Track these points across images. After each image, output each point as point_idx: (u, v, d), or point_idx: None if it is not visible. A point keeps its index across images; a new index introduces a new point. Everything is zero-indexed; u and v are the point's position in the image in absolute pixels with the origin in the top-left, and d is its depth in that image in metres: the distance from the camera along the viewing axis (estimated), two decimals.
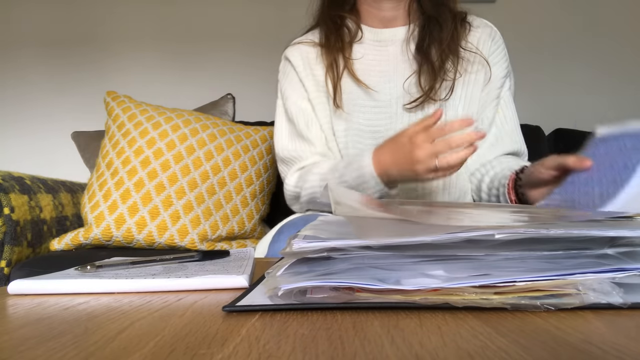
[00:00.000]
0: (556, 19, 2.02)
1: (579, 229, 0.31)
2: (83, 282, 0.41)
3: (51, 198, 1.24)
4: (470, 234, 0.31)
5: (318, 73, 0.93)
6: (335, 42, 0.92)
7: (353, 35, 0.93)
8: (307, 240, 0.32)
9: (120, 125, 1.27)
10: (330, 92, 0.91)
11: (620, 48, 2.02)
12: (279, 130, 0.97)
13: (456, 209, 0.48)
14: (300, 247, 0.32)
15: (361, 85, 0.90)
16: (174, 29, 2.03)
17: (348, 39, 0.93)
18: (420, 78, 0.88)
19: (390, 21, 0.93)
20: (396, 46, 0.92)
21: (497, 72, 0.91)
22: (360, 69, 0.91)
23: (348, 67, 0.90)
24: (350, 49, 0.92)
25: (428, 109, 0.88)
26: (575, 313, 0.29)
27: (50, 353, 0.24)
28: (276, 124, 0.98)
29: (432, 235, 0.31)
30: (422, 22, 0.91)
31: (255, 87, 1.88)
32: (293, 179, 0.92)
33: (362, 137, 0.90)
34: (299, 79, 0.95)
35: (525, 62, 1.96)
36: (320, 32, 0.96)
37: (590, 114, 1.98)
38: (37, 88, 2.02)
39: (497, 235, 0.30)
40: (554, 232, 0.31)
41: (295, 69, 0.95)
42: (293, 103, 0.94)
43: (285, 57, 0.98)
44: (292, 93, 0.95)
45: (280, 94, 0.98)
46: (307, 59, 0.95)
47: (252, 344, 0.25)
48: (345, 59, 0.90)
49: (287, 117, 0.96)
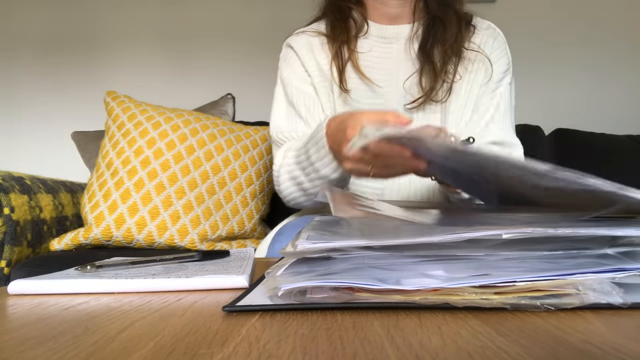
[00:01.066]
0: (556, 18, 2.02)
1: (585, 228, 0.31)
2: (83, 282, 0.41)
3: (51, 198, 1.24)
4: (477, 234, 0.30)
5: (322, 61, 0.92)
6: (341, 33, 0.90)
7: (359, 28, 0.92)
8: (311, 241, 0.32)
9: (120, 125, 1.27)
10: (335, 79, 0.89)
11: (620, 48, 2.02)
12: (276, 113, 0.94)
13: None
14: (305, 248, 0.32)
15: (365, 80, 0.89)
16: (174, 29, 2.03)
17: (354, 32, 0.92)
18: (422, 78, 0.87)
19: (396, 18, 0.93)
20: (400, 44, 0.92)
21: (499, 67, 0.91)
22: (364, 64, 0.90)
23: (353, 60, 0.89)
24: (355, 42, 0.91)
25: (428, 109, 0.88)
26: (575, 313, 0.29)
27: (50, 353, 0.24)
28: (274, 107, 0.95)
29: (436, 236, 0.31)
30: (427, 21, 0.91)
31: (255, 87, 1.88)
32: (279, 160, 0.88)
33: None
34: (302, 64, 0.93)
35: (525, 62, 1.96)
36: (326, 22, 0.95)
37: (590, 114, 1.98)
38: (37, 88, 2.02)
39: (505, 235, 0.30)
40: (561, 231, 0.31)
41: (298, 54, 0.93)
42: (294, 86, 0.92)
43: (287, 44, 0.97)
44: (293, 77, 0.93)
45: (280, 80, 0.96)
46: (311, 46, 0.93)
47: (252, 344, 0.25)
48: (350, 51, 0.89)
49: (287, 101, 0.93)
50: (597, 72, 2.02)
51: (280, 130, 0.91)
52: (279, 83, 0.96)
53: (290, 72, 0.94)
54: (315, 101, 0.91)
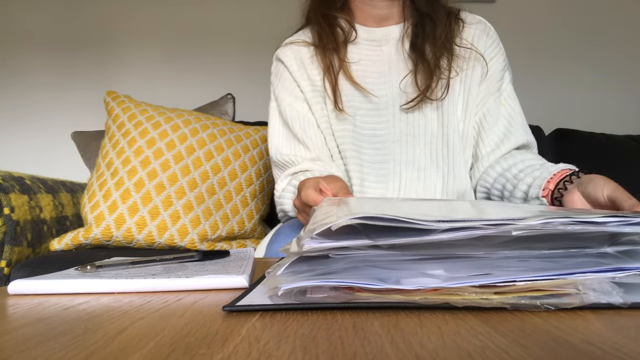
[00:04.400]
0: (556, 19, 2.02)
1: (595, 226, 0.31)
2: (83, 282, 0.41)
3: (51, 198, 1.24)
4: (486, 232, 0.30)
5: (313, 73, 0.91)
6: (329, 42, 0.89)
7: (347, 35, 0.91)
8: (316, 240, 0.32)
9: (120, 125, 1.27)
10: (330, 96, 0.88)
11: (620, 48, 2.02)
12: (274, 134, 0.94)
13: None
14: (312, 247, 0.31)
15: (359, 89, 0.88)
16: (174, 29, 2.03)
17: (342, 39, 0.90)
18: (417, 77, 0.86)
19: (384, 20, 0.92)
20: (390, 45, 0.91)
21: (495, 65, 0.90)
22: (356, 71, 0.89)
23: (344, 70, 0.88)
24: (345, 50, 0.90)
25: (425, 108, 0.88)
26: (575, 313, 0.29)
27: (50, 353, 0.24)
28: (270, 126, 0.95)
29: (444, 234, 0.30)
30: (416, 19, 0.90)
31: (255, 87, 1.88)
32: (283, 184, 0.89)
33: (359, 140, 0.88)
34: (293, 79, 0.92)
35: (525, 62, 1.96)
36: (312, 31, 0.93)
37: (590, 114, 1.98)
38: (37, 88, 2.02)
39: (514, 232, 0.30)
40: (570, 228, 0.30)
41: (289, 69, 0.92)
42: (288, 105, 0.92)
43: (277, 58, 0.95)
44: (286, 96, 0.92)
45: (274, 97, 0.95)
46: (301, 59, 0.92)
47: (252, 344, 0.25)
48: (340, 61, 0.89)
49: (282, 121, 0.93)
50: (597, 72, 2.02)
51: (280, 152, 0.91)
52: (272, 99, 0.96)
53: (282, 90, 0.93)
54: (310, 120, 0.91)
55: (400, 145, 0.87)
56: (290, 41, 0.95)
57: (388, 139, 0.87)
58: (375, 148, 0.88)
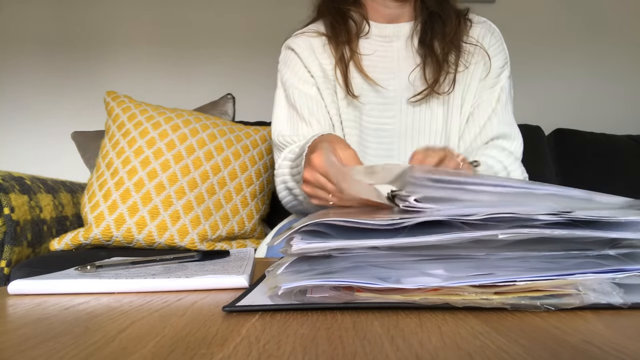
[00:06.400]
0: (556, 18, 2.02)
1: (582, 230, 0.31)
2: (83, 282, 0.41)
3: (51, 198, 1.24)
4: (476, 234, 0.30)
5: (325, 62, 0.92)
6: (341, 34, 0.90)
7: (359, 28, 0.92)
8: (305, 241, 0.32)
9: (120, 125, 1.27)
10: (341, 84, 0.89)
11: (620, 47, 2.02)
12: (278, 117, 0.93)
13: None
14: (300, 249, 0.32)
15: (369, 81, 0.89)
16: (174, 29, 2.03)
17: (354, 31, 0.92)
18: (425, 71, 0.88)
19: (395, 18, 0.94)
20: (400, 42, 0.93)
21: (496, 63, 0.92)
22: (367, 65, 0.90)
23: (355, 61, 0.89)
24: (357, 42, 0.91)
25: (432, 102, 0.89)
26: (575, 313, 0.29)
27: (50, 353, 0.24)
28: (275, 111, 0.95)
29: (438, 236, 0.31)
30: (426, 18, 0.92)
31: (255, 87, 1.88)
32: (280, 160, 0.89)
33: (364, 134, 0.89)
34: (304, 65, 0.93)
35: (525, 61, 1.96)
36: (325, 23, 0.94)
37: (590, 114, 1.98)
38: (37, 88, 2.02)
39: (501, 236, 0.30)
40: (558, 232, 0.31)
41: (300, 56, 0.93)
42: (296, 89, 0.92)
43: (287, 46, 0.96)
44: (295, 80, 0.92)
45: (281, 83, 0.95)
46: (312, 47, 0.93)
47: (252, 344, 0.25)
48: (352, 52, 0.90)
49: (288, 104, 0.93)
50: (597, 72, 2.02)
51: (282, 134, 0.91)
52: (279, 86, 0.96)
53: (291, 75, 0.93)
54: (319, 102, 0.91)
55: (406, 139, 0.89)
56: (300, 32, 0.96)
57: (394, 134, 0.89)
58: (379, 142, 0.89)
